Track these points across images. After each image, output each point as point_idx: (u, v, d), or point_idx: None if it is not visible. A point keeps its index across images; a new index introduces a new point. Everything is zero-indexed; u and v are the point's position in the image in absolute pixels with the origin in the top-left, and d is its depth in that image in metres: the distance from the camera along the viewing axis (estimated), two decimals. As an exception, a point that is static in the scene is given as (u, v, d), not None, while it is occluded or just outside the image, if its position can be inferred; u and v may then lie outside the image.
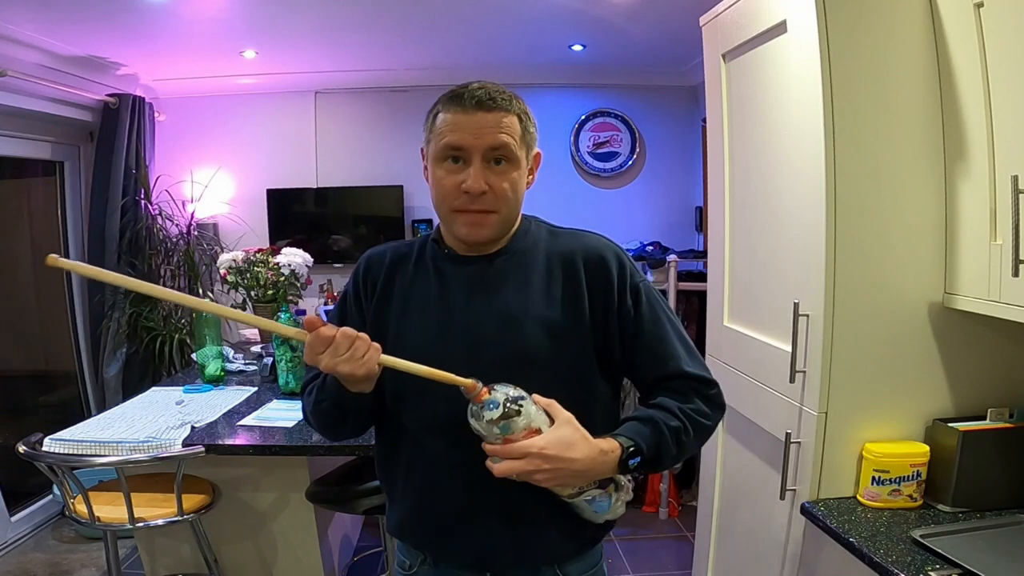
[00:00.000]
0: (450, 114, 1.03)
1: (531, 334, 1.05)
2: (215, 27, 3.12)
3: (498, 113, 1.02)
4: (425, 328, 1.09)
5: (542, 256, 1.11)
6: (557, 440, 0.96)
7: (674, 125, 4.24)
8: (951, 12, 1.36)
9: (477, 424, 0.98)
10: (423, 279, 1.12)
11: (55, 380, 3.86)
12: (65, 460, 1.84)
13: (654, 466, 1.03)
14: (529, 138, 1.08)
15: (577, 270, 1.09)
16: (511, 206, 1.06)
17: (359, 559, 2.91)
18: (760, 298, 1.76)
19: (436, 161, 1.06)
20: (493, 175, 1.03)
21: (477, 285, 1.09)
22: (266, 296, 3.01)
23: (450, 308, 1.09)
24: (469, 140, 1.01)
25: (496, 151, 1.02)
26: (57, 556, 3.00)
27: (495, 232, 1.07)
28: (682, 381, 1.08)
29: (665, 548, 3.08)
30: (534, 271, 1.10)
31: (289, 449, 1.89)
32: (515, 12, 3.02)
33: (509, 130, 1.03)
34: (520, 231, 1.13)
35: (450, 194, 1.04)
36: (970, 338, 1.46)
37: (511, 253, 1.11)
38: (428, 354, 1.04)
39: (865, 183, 1.42)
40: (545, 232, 1.15)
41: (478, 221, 1.05)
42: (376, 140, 4.24)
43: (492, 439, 0.98)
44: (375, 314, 1.13)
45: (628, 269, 1.11)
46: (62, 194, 3.71)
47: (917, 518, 1.37)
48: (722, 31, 1.88)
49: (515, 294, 1.08)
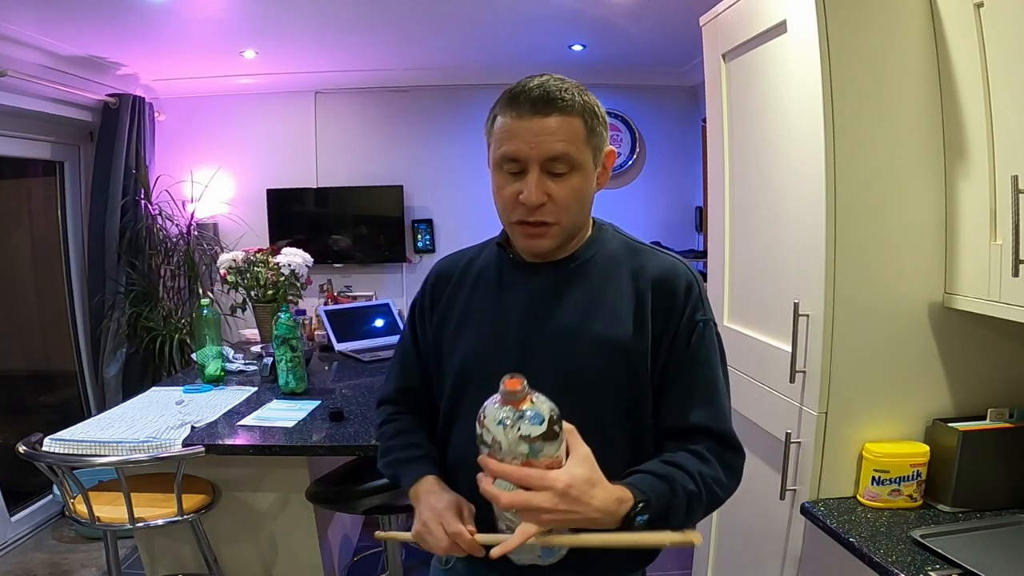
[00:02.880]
0: (507, 118, 0.96)
1: (586, 352, 0.99)
2: (215, 27, 3.12)
3: (557, 117, 0.94)
4: (479, 339, 1.05)
5: (613, 269, 1.04)
6: (582, 480, 0.84)
7: (674, 125, 4.25)
8: (951, 12, 1.36)
9: (501, 433, 0.83)
10: (484, 288, 1.09)
11: (55, 380, 3.86)
12: (65, 460, 1.84)
13: (653, 526, 0.91)
14: (596, 138, 0.99)
15: (646, 289, 1.01)
16: (574, 215, 1.00)
17: (359, 559, 2.91)
18: (760, 298, 1.76)
19: (495, 168, 1.00)
20: (553, 184, 0.96)
21: (538, 295, 1.04)
22: (266, 296, 3.01)
23: (507, 319, 1.04)
24: (525, 150, 0.94)
25: (555, 161, 0.95)
26: (57, 556, 3.00)
27: (556, 243, 1.01)
28: (708, 441, 0.98)
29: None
30: (601, 285, 1.03)
31: (289, 449, 1.88)
32: (515, 12, 3.02)
33: (569, 135, 0.95)
34: (592, 238, 1.07)
35: (508, 205, 0.99)
36: (970, 338, 1.46)
37: (580, 262, 1.05)
38: (478, 362, 1.02)
39: (865, 183, 1.41)
40: (621, 244, 1.08)
41: (538, 233, 0.99)
42: (376, 140, 4.24)
43: (507, 456, 0.84)
44: (436, 327, 1.11)
45: (696, 299, 1.02)
46: (62, 194, 3.71)
47: (917, 518, 1.37)
48: (722, 31, 1.88)
49: (577, 308, 1.01)
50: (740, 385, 1.84)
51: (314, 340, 3.22)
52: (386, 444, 1.14)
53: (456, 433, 1.08)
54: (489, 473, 0.86)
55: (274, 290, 3.00)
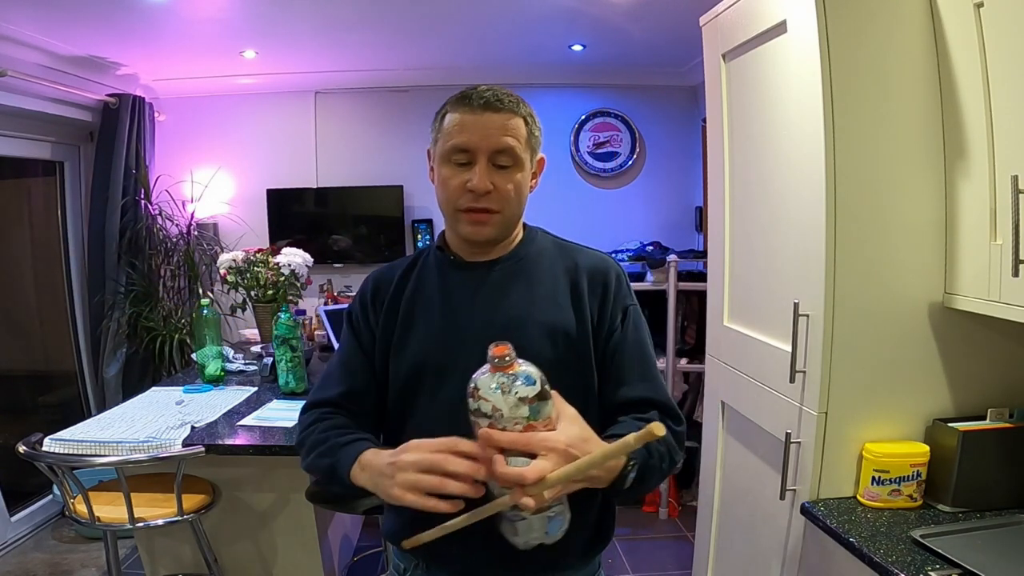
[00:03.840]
0: (458, 114, 1.05)
1: (536, 338, 1.05)
2: (215, 27, 3.12)
3: (505, 115, 1.04)
4: (429, 334, 1.09)
5: (547, 264, 1.13)
6: (579, 438, 0.86)
7: (674, 125, 4.24)
8: (951, 12, 1.36)
9: (500, 399, 0.81)
10: (428, 286, 1.14)
11: (55, 380, 3.86)
12: (65, 460, 1.84)
13: (636, 488, 0.96)
14: (534, 141, 1.10)
15: (580, 281, 1.11)
16: (514, 207, 1.08)
17: (359, 559, 2.91)
18: (760, 298, 1.76)
19: (442, 161, 1.07)
20: (497, 176, 1.05)
21: (482, 289, 1.11)
22: (266, 296, 3.01)
23: (455, 311, 1.10)
24: (475, 141, 1.03)
25: (501, 153, 1.04)
26: (57, 556, 3.00)
27: (497, 232, 1.09)
28: (654, 411, 1.05)
29: (665, 548, 3.08)
30: (539, 278, 1.11)
31: (289, 449, 1.88)
32: (515, 12, 3.02)
33: (515, 132, 1.05)
34: (526, 239, 1.16)
35: (455, 193, 1.06)
36: (970, 338, 1.46)
37: (516, 259, 1.13)
38: (432, 356, 1.04)
39: (865, 183, 1.42)
40: (551, 243, 1.18)
41: (481, 220, 1.07)
42: (376, 140, 4.24)
43: (509, 423, 0.82)
44: (383, 327, 1.13)
45: (624, 288, 1.14)
46: (62, 194, 3.71)
47: (917, 518, 1.37)
48: (722, 31, 1.88)
49: (520, 298, 1.09)
50: (740, 385, 1.84)
51: (314, 340, 3.22)
52: (319, 436, 1.08)
53: (410, 428, 1.06)
54: (494, 445, 0.83)
55: (274, 290, 3.00)
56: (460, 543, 0.98)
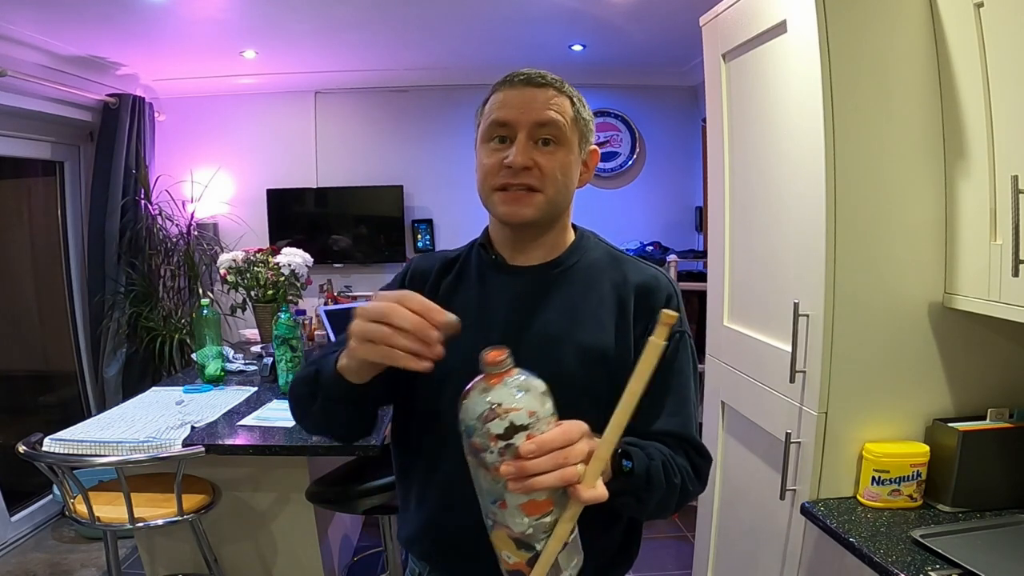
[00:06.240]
0: (500, 93, 0.98)
1: (569, 359, 0.97)
2: (215, 27, 3.12)
3: (548, 90, 0.97)
4: (459, 344, 0.96)
5: (595, 277, 1.02)
6: (579, 429, 0.79)
7: (674, 125, 4.25)
8: (951, 12, 1.36)
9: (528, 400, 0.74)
10: (465, 290, 1.04)
11: (55, 380, 3.86)
12: (65, 460, 1.84)
13: (642, 490, 0.88)
14: (582, 124, 1.00)
15: (628, 297, 1.01)
16: (560, 190, 0.97)
17: (359, 559, 2.91)
18: (760, 298, 1.76)
19: (482, 142, 0.99)
20: (540, 153, 0.95)
21: (520, 300, 1.01)
22: (266, 296, 3.01)
23: (488, 324, 0.99)
24: (515, 115, 0.95)
25: (544, 128, 0.95)
26: (57, 556, 3.00)
27: (538, 214, 0.97)
28: (679, 443, 0.97)
29: (665, 548, 3.08)
30: (584, 292, 1.01)
31: (289, 449, 1.88)
32: (515, 12, 3.02)
33: (559, 108, 0.96)
34: (575, 245, 1.05)
35: (491, 171, 0.96)
36: (970, 338, 1.46)
37: (563, 267, 1.03)
38: (458, 371, 0.92)
39: (865, 183, 1.41)
40: (603, 252, 1.07)
41: (519, 199, 0.95)
42: (376, 140, 4.24)
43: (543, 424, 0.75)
44: None
45: (676, 310, 1.00)
46: (62, 194, 3.71)
47: (917, 518, 1.37)
48: (722, 31, 1.88)
49: (561, 315, 0.99)
50: (740, 385, 1.84)
51: (314, 340, 3.22)
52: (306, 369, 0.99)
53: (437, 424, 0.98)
54: (548, 451, 0.74)
55: (274, 290, 3.00)
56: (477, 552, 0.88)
